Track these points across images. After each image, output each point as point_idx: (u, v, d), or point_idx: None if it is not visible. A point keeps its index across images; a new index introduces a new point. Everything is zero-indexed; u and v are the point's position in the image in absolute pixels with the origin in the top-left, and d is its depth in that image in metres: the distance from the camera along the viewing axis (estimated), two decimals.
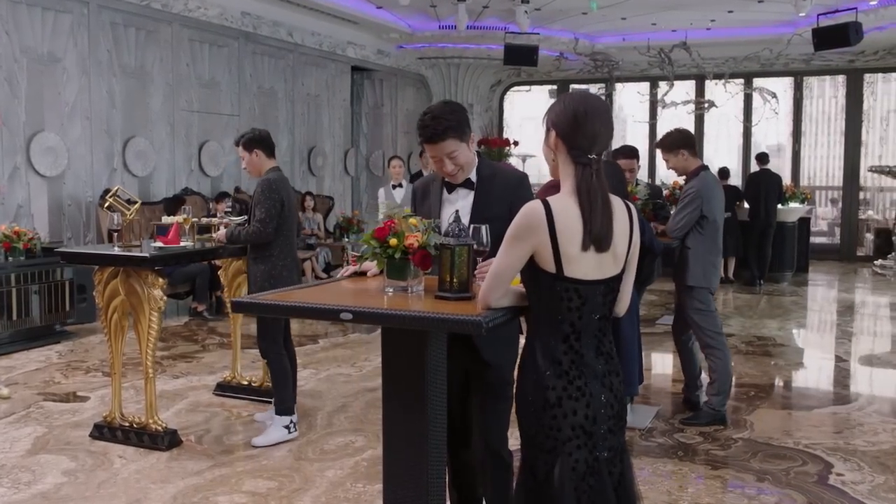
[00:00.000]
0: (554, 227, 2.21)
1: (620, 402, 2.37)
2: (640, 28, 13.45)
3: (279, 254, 4.79)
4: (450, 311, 2.31)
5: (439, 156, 2.96)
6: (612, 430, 2.33)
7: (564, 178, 2.33)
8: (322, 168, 12.73)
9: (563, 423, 2.27)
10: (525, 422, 2.34)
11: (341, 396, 5.77)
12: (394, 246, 2.57)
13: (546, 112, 2.41)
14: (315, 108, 12.52)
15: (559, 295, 2.26)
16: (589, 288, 2.27)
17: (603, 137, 2.31)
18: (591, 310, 2.29)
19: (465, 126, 2.98)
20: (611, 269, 2.30)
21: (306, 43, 12.05)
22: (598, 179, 2.27)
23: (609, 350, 2.37)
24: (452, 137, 2.93)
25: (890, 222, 14.70)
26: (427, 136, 2.94)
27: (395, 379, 2.62)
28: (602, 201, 2.25)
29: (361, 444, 4.75)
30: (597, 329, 2.33)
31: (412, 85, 15.36)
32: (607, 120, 2.33)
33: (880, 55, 13.83)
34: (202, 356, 7.00)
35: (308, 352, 7.19)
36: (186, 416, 5.29)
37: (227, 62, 10.62)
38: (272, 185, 4.74)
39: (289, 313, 2.47)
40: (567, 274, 2.24)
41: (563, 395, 2.27)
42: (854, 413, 5.43)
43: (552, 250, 2.22)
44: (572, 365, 2.28)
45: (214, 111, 10.44)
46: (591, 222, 2.23)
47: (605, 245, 2.25)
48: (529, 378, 2.32)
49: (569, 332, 2.29)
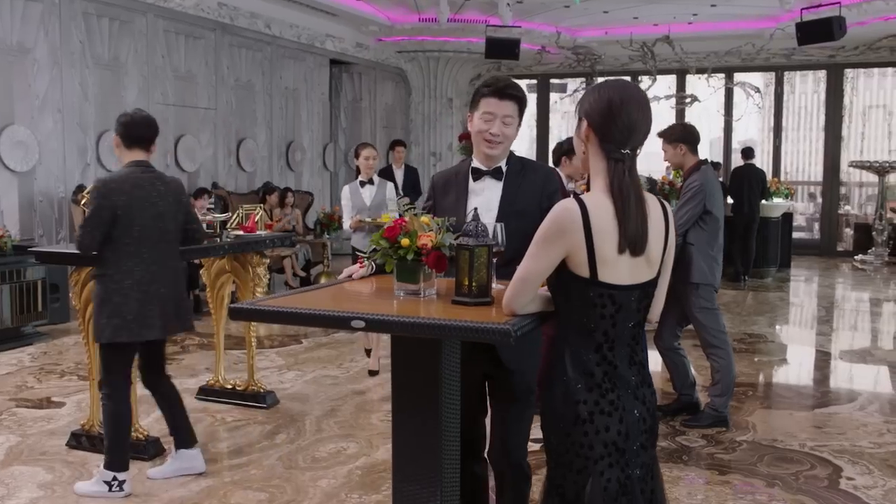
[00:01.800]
0: (590, 229, 2.03)
1: (653, 416, 2.20)
2: (622, 22, 13.32)
3: (112, 275, 3.87)
4: (471, 317, 2.12)
5: (496, 114, 2.85)
6: (644, 445, 2.17)
7: (595, 174, 2.15)
8: (300, 163, 12.47)
9: (595, 440, 2.10)
10: (553, 439, 2.16)
11: (329, 400, 5.57)
12: (405, 246, 2.38)
13: (579, 100, 2.23)
14: (293, 101, 12.25)
15: (592, 301, 2.08)
16: (624, 294, 2.09)
17: (640, 131, 2.13)
18: (625, 317, 2.12)
19: (525, 108, 2.94)
20: (645, 273, 2.13)
21: (284, 35, 11.79)
22: (632, 177, 2.09)
23: (642, 360, 2.20)
24: (516, 103, 2.88)
25: (869, 217, 14.73)
26: (499, 88, 2.84)
27: (407, 389, 2.43)
28: (636, 200, 2.08)
29: (354, 451, 4.55)
30: (630, 338, 2.16)
31: (391, 79, 15.13)
32: (646, 112, 2.14)
33: (860, 50, 13.82)
34: (182, 358, 6.75)
35: (291, 352, 6.98)
36: None
37: (203, 54, 10.33)
38: (101, 188, 3.85)
39: (293, 321, 2.26)
40: (601, 279, 2.06)
41: (594, 410, 2.10)
42: (856, 413, 5.32)
43: (587, 253, 2.04)
44: (605, 377, 2.11)
45: (190, 105, 10.15)
46: (625, 224, 2.05)
47: (640, 248, 2.07)
48: (558, 391, 2.14)
49: (602, 342, 2.11)
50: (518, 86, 2.91)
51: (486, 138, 2.88)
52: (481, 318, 2.13)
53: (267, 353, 6.84)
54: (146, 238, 3.90)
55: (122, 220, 3.83)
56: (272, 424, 5.01)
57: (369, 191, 6.40)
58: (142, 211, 3.87)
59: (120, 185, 3.86)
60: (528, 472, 3.04)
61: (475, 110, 2.93)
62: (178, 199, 4.05)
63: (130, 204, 3.84)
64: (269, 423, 5.03)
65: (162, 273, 3.96)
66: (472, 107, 2.96)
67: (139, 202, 3.86)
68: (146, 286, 3.89)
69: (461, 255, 2.30)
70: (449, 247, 2.40)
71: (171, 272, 4.03)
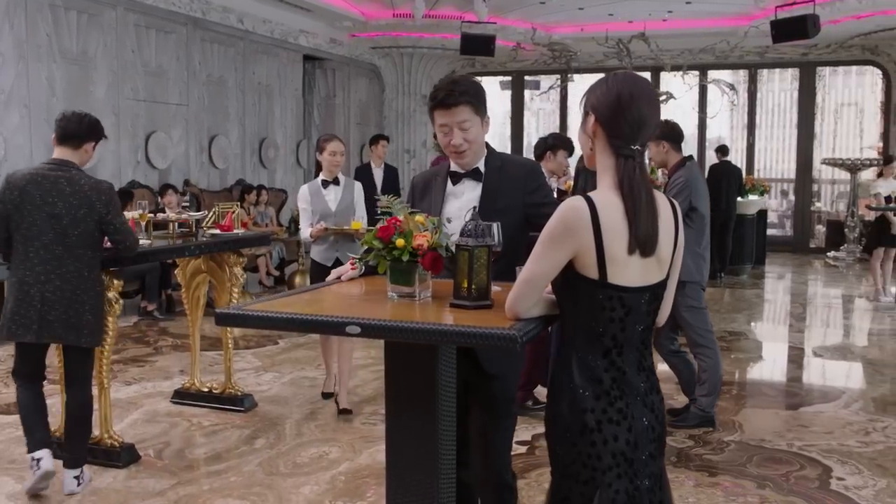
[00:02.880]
0: (599, 227, 1.94)
1: (661, 424, 2.11)
2: (597, 18, 13.28)
3: (9, 279, 3.81)
4: (472, 322, 2.02)
5: (450, 125, 2.71)
6: (652, 455, 2.07)
7: (602, 170, 2.06)
8: (274, 160, 12.28)
9: (603, 451, 2.00)
10: (559, 449, 2.06)
11: (308, 402, 5.43)
12: (400, 247, 2.26)
13: (585, 93, 2.13)
14: (266, 97, 12.06)
15: (601, 304, 1.98)
16: (633, 296, 2.00)
17: (649, 127, 2.04)
18: (634, 320, 2.02)
19: (483, 101, 2.76)
20: (655, 274, 2.04)
21: (257, 30, 11.59)
22: (642, 174, 2.00)
23: (650, 365, 2.11)
24: (467, 105, 2.70)
25: (841, 214, 14.85)
26: (441, 99, 2.69)
27: (402, 397, 2.32)
28: (647, 199, 1.98)
29: (336, 456, 4.43)
30: (639, 342, 2.06)
31: (365, 75, 14.97)
32: (655, 106, 2.05)
33: (832, 48, 13.89)
34: (155, 360, 6.58)
35: (268, 353, 6.83)
36: (143, 427, 4.90)
37: (174, 49, 10.11)
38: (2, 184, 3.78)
39: (284, 326, 2.14)
40: (611, 280, 1.96)
41: (602, 419, 2.00)
42: (840, 411, 5.30)
43: (596, 253, 1.94)
44: (614, 384, 2.01)
45: (162, 100, 9.93)
46: (636, 223, 1.96)
47: (651, 249, 1.99)
48: (564, 399, 2.04)
49: (610, 346, 2.02)
50: (462, 84, 2.73)
51: (451, 151, 2.78)
52: (483, 322, 2.02)
53: (243, 354, 6.69)
54: (35, 238, 3.75)
55: (14, 217, 3.74)
56: (251, 429, 4.88)
57: (334, 192, 5.23)
58: (33, 209, 3.73)
59: (16, 182, 3.76)
60: (512, 483, 2.96)
61: (433, 123, 2.82)
62: (90, 204, 3.79)
63: (22, 201, 3.73)
64: (247, 428, 4.89)
65: (52, 277, 3.76)
66: (431, 119, 2.85)
67: (31, 200, 3.73)
68: (28, 287, 3.75)
69: (460, 256, 2.19)
70: (445, 247, 2.30)
71: (68, 278, 3.79)
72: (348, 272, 2.66)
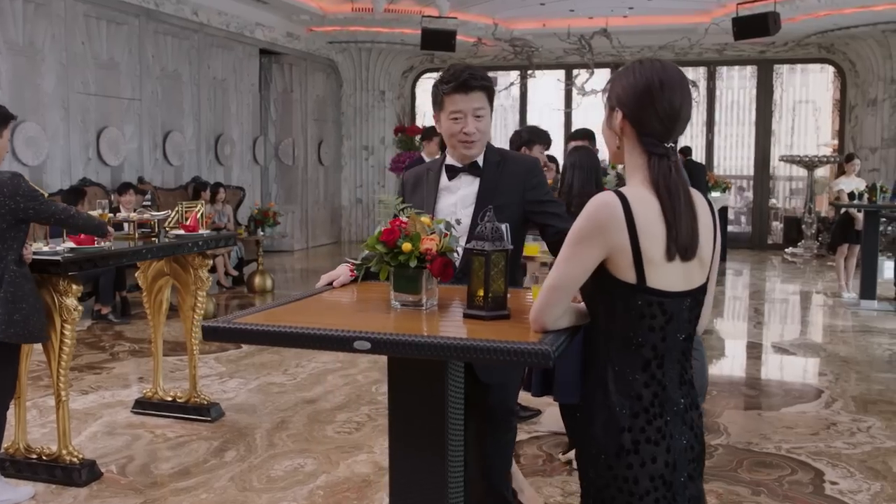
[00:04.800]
0: (634, 225, 1.76)
1: (700, 443, 1.94)
2: (558, 14, 13.19)
3: None
4: (491, 335, 1.82)
5: (465, 111, 2.56)
6: (691, 476, 1.91)
7: (633, 169, 1.88)
8: (230, 157, 11.93)
9: (641, 474, 1.83)
10: (592, 472, 1.88)
11: (278, 410, 5.19)
12: (407, 252, 2.06)
13: (607, 84, 1.94)
14: (222, 92, 11.71)
15: (640, 311, 1.80)
16: (675, 302, 1.83)
17: (683, 118, 1.86)
18: (676, 328, 1.85)
19: (493, 92, 2.64)
20: (697, 277, 1.87)
21: (212, 23, 11.24)
22: (679, 174, 1.83)
23: (691, 378, 1.93)
24: (483, 91, 2.58)
25: (797, 211, 15.00)
26: (462, 81, 2.54)
27: (407, 417, 2.12)
28: (685, 201, 1.81)
29: (312, 468, 4.20)
30: (680, 353, 1.89)
31: (322, 70, 14.67)
32: (688, 95, 1.87)
33: (790, 46, 14.00)
34: (112, 366, 6.26)
35: (231, 358, 6.55)
36: (103, 441, 4.61)
37: (126, 41, 9.72)
38: None
39: (282, 342, 1.92)
40: (650, 284, 1.79)
41: (640, 439, 1.82)
42: (822, 412, 5.23)
43: (632, 254, 1.77)
44: (654, 399, 1.84)
45: (113, 94, 9.54)
46: (676, 227, 1.78)
47: (692, 253, 1.81)
48: (599, 417, 1.86)
49: (650, 358, 1.84)
50: (481, 71, 2.64)
51: (462, 139, 2.60)
52: (503, 335, 1.83)
53: (205, 360, 6.39)
54: None
55: None
56: (219, 440, 4.62)
57: None
58: None
59: None
60: (511, 500, 2.80)
61: (440, 111, 2.63)
62: None
63: None
64: (215, 439, 4.63)
65: None
66: (435, 106, 2.66)
67: None
68: None
69: (475, 262, 2.00)
70: (455, 252, 2.10)
71: None
72: (341, 278, 2.45)
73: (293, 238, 13.49)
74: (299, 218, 13.92)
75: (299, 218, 13.92)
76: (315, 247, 14.42)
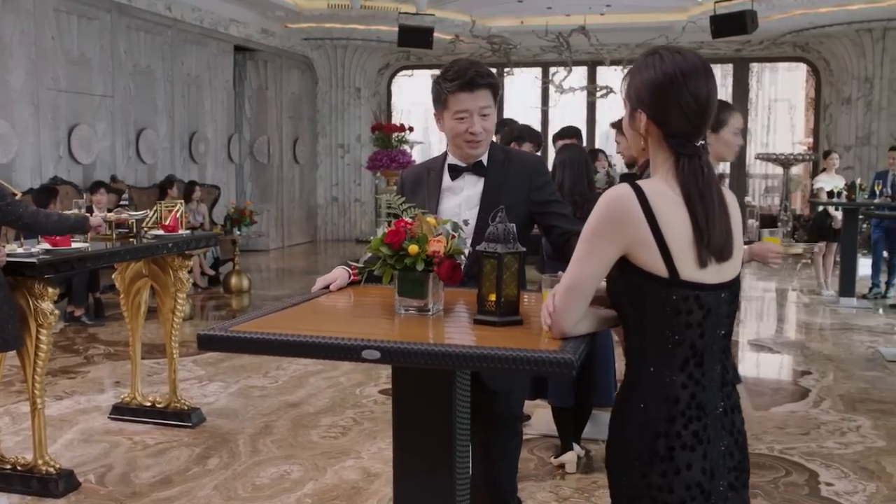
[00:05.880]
0: (654, 218, 1.67)
1: (742, 449, 1.83)
2: (536, 11, 13.14)
3: None
4: (505, 342, 1.73)
5: (472, 110, 2.45)
6: (732, 485, 1.80)
7: (659, 166, 1.78)
8: (204, 155, 11.73)
9: (676, 482, 1.72)
10: (624, 479, 1.78)
11: (261, 415, 5.06)
12: (413, 254, 1.96)
13: (625, 80, 1.84)
14: (196, 89, 11.50)
15: (675, 306, 1.70)
16: (712, 295, 1.73)
17: (711, 109, 1.76)
18: (714, 324, 1.75)
19: (499, 89, 2.54)
20: (730, 269, 1.77)
21: (186, 18, 11.03)
22: (711, 173, 1.74)
23: (732, 379, 1.83)
24: (489, 89, 2.48)
25: (773, 208, 15.08)
26: (469, 79, 2.43)
27: (413, 426, 2.02)
28: (719, 203, 1.73)
29: (299, 475, 4.08)
30: (720, 351, 1.79)
31: (297, 67, 14.49)
32: (713, 81, 1.76)
33: (765, 45, 14.06)
34: (87, 370, 6.09)
35: (210, 360, 6.40)
36: (80, 448, 4.45)
37: (98, 37, 9.50)
38: None
39: (284, 351, 1.80)
40: (684, 277, 1.69)
41: (675, 444, 1.72)
42: (812, 411, 5.20)
43: (658, 247, 1.67)
44: (692, 402, 1.73)
45: (85, 91, 9.32)
46: (708, 233, 1.69)
47: (728, 254, 1.73)
48: (632, 421, 1.76)
49: (688, 357, 1.73)
50: (486, 68, 2.53)
51: (467, 139, 2.50)
52: (518, 341, 1.74)
53: (183, 362, 6.21)
54: None
55: None
56: (201, 447, 4.48)
57: None
58: None
59: None
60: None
61: (443, 109, 2.52)
62: None
63: None
64: (197, 446, 4.49)
65: None
66: (437, 104, 2.54)
67: None
68: None
69: (486, 264, 1.90)
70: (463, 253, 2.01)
71: None
72: (338, 281, 2.34)
73: (269, 237, 13.31)
74: (275, 217, 13.75)
75: (275, 217, 13.75)
76: (291, 246, 14.25)
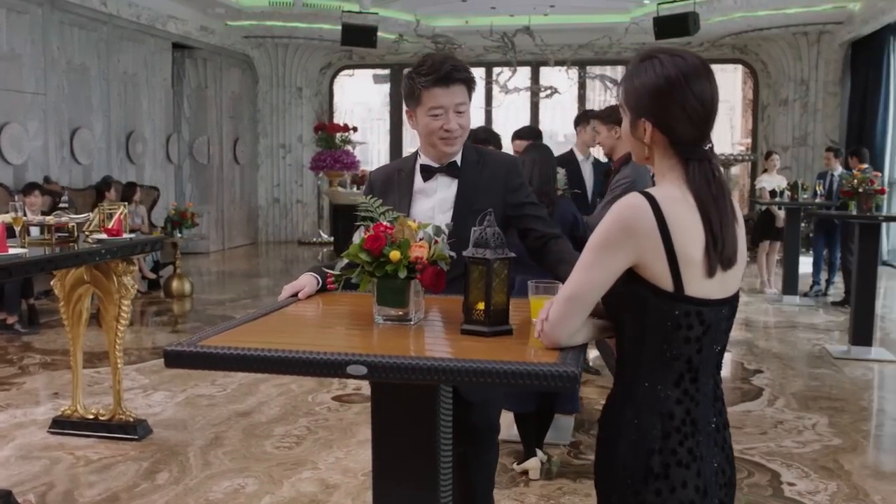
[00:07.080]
0: (666, 226, 1.59)
1: (731, 466, 1.79)
2: (480, 11, 13.09)
3: None
4: (495, 354, 1.63)
5: (447, 107, 2.34)
6: (723, 502, 1.75)
7: (664, 171, 1.70)
8: (142, 155, 11.38)
9: (670, 500, 1.66)
10: (615, 498, 1.70)
11: (210, 425, 4.87)
12: (395, 261, 1.85)
13: (621, 85, 1.74)
14: (133, 87, 11.15)
15: (676, 321, 1.63)
16: (713, 310, 1.67)
17: (715, 109, 1.69)
18: (712, 339, 1.69)
19: (474, 84, 2.45)
20: (733, 283, 1.71)
21: (122, 14, 10.67)
22: (721, 177, 1.67)
23: (722, 394, 1.78)
24: (464, 85, 2.38)
25: None
26: (445, 74, 2.32)
27: (394, 448, 1.90)
28: (730, 210, 1.66)
29: (254, 489, 3.92)
30: (714, 366, 1.73)
31: (238, 66, 14.19)
32: (714, 82, 1.69)
33: (705, 47, 14.25)
34: (22, 381, 5.79)
35: (154, 368, 6.15)
36: (18, 466, 4.20)
37: (29, 32, 9.11)
38: None
39: (261, 367, 1.67)
40: (689, 293, 1.62)
41: (670, 462, 1.65)
42: (767, 410, 5.23)
43: (667, 258, 1.60)
44: (686, 418, 1.67)
45: (15, 88, 8.93)
46: (722, 240, 1.63)
47: (735, 261, 1.67)
48: (625, 438, 1.68)
49: (684, 372, 1.67)
50: (462, 63, 2.43)
51: (442, 137, 2.39)
52: (510, 353, 1.65)
53: (126, 371, 5.96)
54: None
55: None
56: (149, 461, 4.28)
57: None
58: None
59: None
60: None
61: (416, 106, 2.40)
62: None
63: None
64: (144, 460, 4.29)
65: None
66: (409, 101, 2.42)
67: None
68: None
69: (474, 271, 1.80)
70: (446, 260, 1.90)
71: None
72: (306, 289, 2.21)
73: (209, 239, 12.99)
74: (215, 218, 13.42)
75: (215, 218, 13.42)
76: (231, 248, 13.93)
